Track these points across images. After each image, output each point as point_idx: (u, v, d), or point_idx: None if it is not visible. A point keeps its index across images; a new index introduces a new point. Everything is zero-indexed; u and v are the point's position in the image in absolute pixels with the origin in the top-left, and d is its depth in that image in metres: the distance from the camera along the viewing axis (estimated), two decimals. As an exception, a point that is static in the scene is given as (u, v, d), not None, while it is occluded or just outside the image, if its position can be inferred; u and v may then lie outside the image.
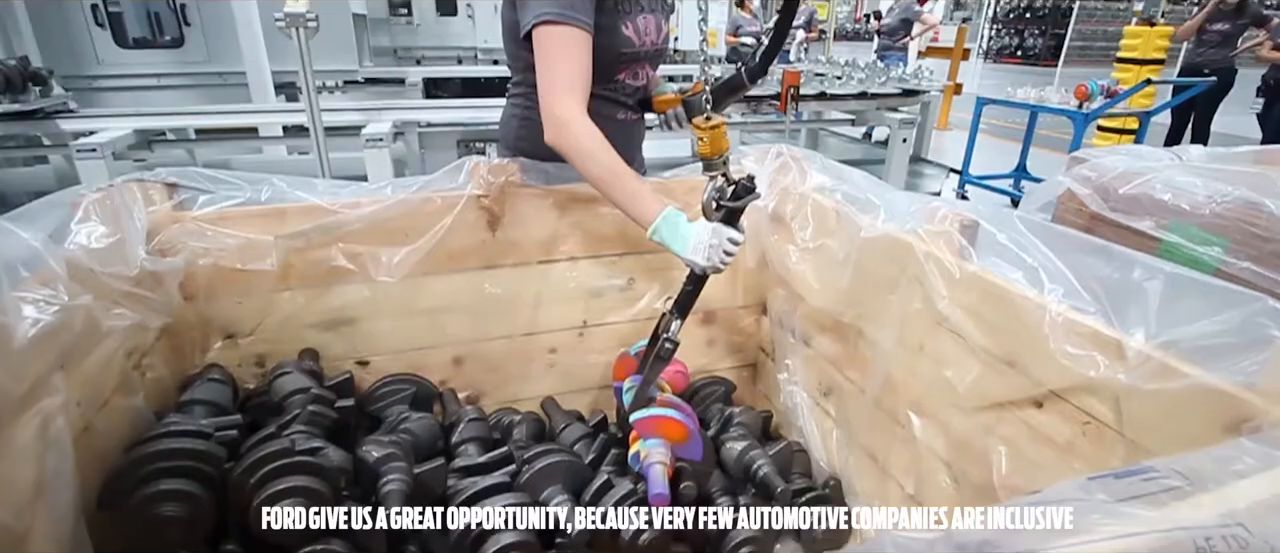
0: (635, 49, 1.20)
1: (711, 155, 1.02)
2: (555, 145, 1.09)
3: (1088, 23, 16.65)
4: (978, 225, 0.87)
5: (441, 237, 1.15)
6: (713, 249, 1.01)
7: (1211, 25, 4.99)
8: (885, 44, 6.30)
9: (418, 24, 6.46)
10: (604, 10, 1.14)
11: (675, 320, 1.08)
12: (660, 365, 1.08)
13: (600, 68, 1.19)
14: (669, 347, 1.07)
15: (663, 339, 1.07)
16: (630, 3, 1.19)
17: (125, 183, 1.01)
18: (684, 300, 1.09)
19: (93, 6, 4.06)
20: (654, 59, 1.28)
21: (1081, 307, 0.73)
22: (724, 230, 1.01)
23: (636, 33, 1.19)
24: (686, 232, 1.03)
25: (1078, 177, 1.34)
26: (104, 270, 0.88)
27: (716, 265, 1.03)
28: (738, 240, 1.02)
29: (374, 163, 2.79)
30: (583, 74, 1.09)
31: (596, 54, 1.15)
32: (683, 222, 1.04)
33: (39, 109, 2.92)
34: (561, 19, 1.06)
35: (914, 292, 0.93)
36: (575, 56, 1.08)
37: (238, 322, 1.12)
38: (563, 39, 1.07)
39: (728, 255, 1.02)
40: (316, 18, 2.52)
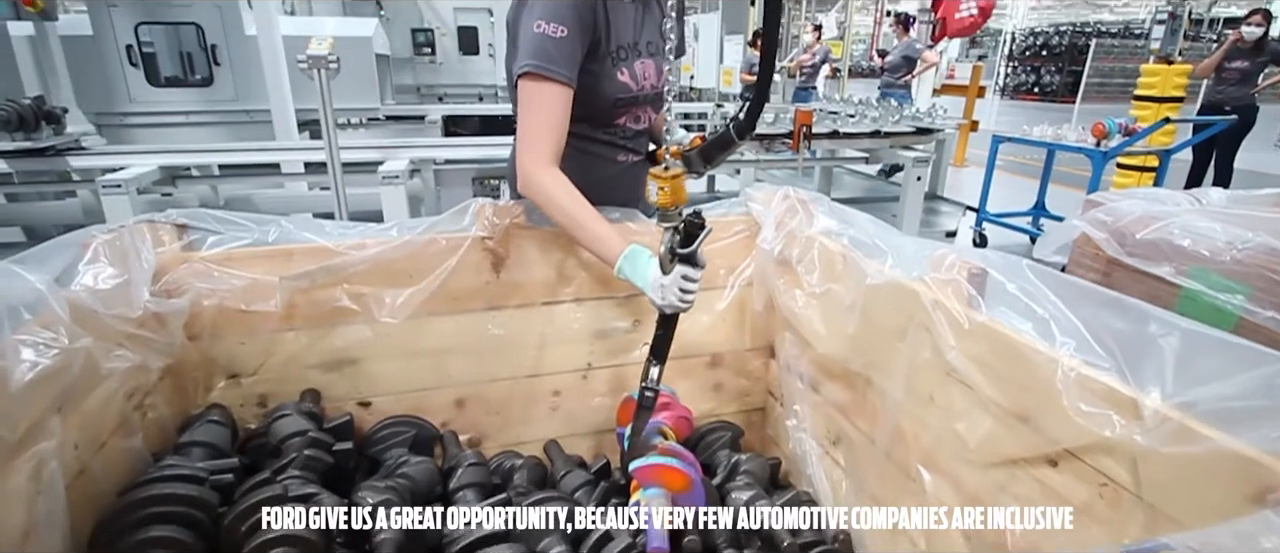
0: (633, 94, 1.21)
1: (669, 206, 1.02)
2: (525, 195, 1.13)
3: (1105, 60, 16.65)
4: (986, 274, 0.85)
5: (445, 278, 1.15)
6: (665, 288, 1.01)
7: (1230, 63, 4.96)
8: (888, 81, 6.34)
9: (441, 63, 6.64)
10: (597, 58, 1.15)
11: (654, 367, 1.07)
12: (645, 415, 1.07)
13: (598, 113, 1.20)
14: (650, 396, 1.06)
15: (642, 388, 1.05)
16: (628, 49, 1.20)
17: (136, 224, 1.03)
18: (657, 345, 1.08)
19: (128, 47, 4.22)
20: (655, 102, 1.28)
21: (1095, 362, 0.70)
22: (676, 268, 1.01)
23: (633, 78, 1.20)
24: (645, 269, 1.04)
25: (1093, 220, 1.31)
26: (108, 312, 0.88)
27: (674, 304, 1.02)
28: (693, 277, 1.01)
29: (389, 199, 2.83)
30: (555, 129, 1.11)
31: (593, 100, 1.16)
32: (644, 258, 1.05)
33: (50, 147, 3.03)
34: (542, 73, 1.08)
35: (922, 341, 0.90)
36: (550, 111, 1.10)
37: (241, 361, 1.12)
38: (540, 94, 1.09)
39: (685, 292, 1.02)
40: (338, 59, 2.59)
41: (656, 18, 1.27)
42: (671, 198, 1.01)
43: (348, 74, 3.91)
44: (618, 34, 1.18)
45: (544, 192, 1.10)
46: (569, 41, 1.09)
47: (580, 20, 1.10)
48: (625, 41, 1.19)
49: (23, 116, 2.95)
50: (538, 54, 1.08)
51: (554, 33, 1.08)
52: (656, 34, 1.26)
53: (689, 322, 1.28)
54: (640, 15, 1.23)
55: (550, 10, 1.08)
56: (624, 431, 1.17)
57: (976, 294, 0.85)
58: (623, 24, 1.19)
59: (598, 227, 1.09)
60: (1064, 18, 24.18)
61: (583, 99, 1.15)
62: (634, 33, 1.21)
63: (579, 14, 1.10)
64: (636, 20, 1.22)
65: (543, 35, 1.07)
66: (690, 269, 1.01)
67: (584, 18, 1.11)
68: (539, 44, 1.08)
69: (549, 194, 1.09)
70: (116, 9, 4.18)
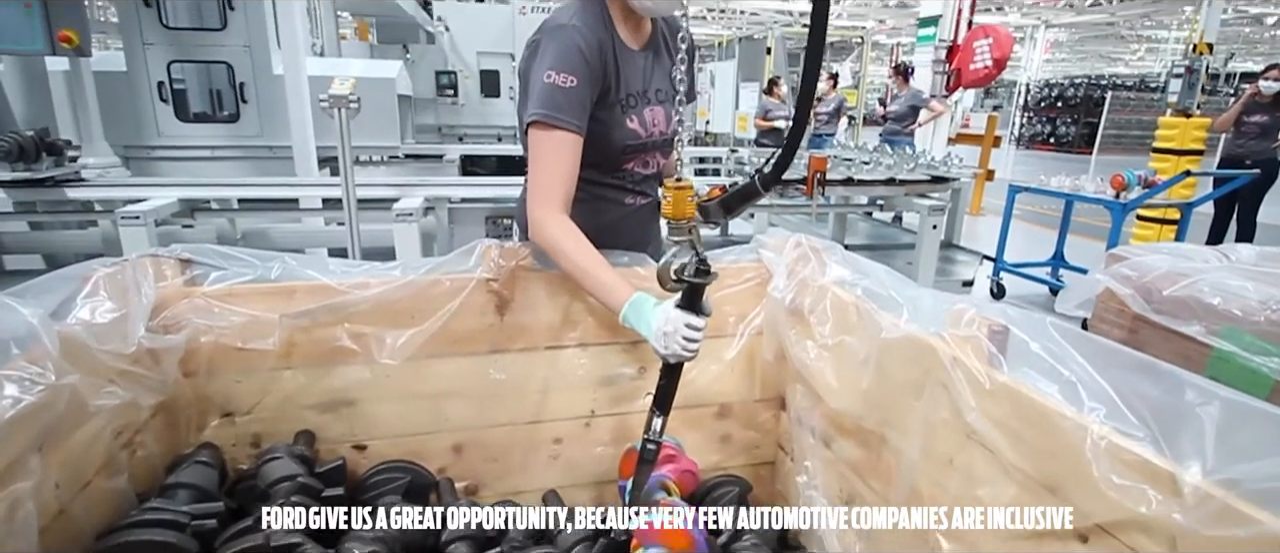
0: (641, 140, 1.21)
1: (675, 218, 1.01)
2: (534, 242, 1.13)
3: (1121, 112, 16.69)
4: (1007, 331, 0.81)
5: (448, 319, 1.13)
6: (669, 336, 0.99)
7: (1249, 116, 4.92)
8: (892, 129, 6.41)
9: (463, 104, 6.78)
10: (606, 105, 1.16)
11: (656, 419, 1.03)
12: (646, 469, 1.03)
13: (606, 158, 1.20)
14: (651, 448, 1.02)
15: (644, 440, 1.02)
16: (637, 96, 1.20)
17: (139, 258, 1.02)
18: (660, 396, 1.05)
19: (159, 84, 4.36)
20: (664, 148, 1.29)
21: (1128, 430, 0.65)
22: (680, 316, 0.98)
23: (642, 125, 1.21)
24: (650, 317, 1.01)
25: (1118, 275, 1.27)
26: (101, 347, 0.87)
27: (677, 353, 1.00)
28: (697, 326, 0.99)
29: (402, 236, 2.84)
30: (565, 178, 1.12)
31: (602, 146, 1.17)
32: (649, 307, 1.03)
33: (49, 177, 3.10)
34: (551, 121, 1.09)
35: (940, 399, 0.86)
36: (559, 160, 1.11)
37: (236, 400, 1.09)
38: (548, 143, 1.10)
39: (689, 341, 0.99)
40: (359, 100, 2.64)
41: (666, 66, 1.28)
42: (675, 210, 1.00)
43: (370, 113, 4.00)
44: (627, 82, 1.18)
45: (552, 239, 1.10)
46: (578, 91, 1.10)
47: (590, 70, 1.11)
48: (635, 89, 1.20)
49: (23, 147, 3.03)
50: (547, 103, 1.09)
51: (564, 83, 1.09)
52: (666, 81, 1.27)
53: (697, 370, 1.24)
54: (650, 64, 1.24)
55: (560, 60, 1.09)
56: (626, 484, 1.12)
57: (998, 352, 0.80)
58: (632, 73, 1.20)
59: (604, 274, 1.08)
60: (1079, 70, 24.38)
61: (592, 145, 1.15)
62: (643, 81, 1.22)
63: (589, 64, 1.11)
64: (646, 69, 1.23)
65: (553, 85, 1.08)
66: (695, 317, 0.99)
67: (594, 68, 1.12)
68: (549, 93, 1.09)
69: (557, 241, 1.09)
70: (152, 47, 4.33)
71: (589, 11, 1.16)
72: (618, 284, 1.07)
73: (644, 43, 1.23)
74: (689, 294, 1.00)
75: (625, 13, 1.18)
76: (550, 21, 1.16)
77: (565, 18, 1.14)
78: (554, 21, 1.15)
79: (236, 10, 4.32)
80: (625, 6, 1.17)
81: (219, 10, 4.32)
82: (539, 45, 1.14)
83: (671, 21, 1.31)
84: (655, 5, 1.14)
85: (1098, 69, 24.26)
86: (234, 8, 4.32)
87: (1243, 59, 20.54)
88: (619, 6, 1.18)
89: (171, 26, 4.31)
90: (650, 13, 1.18)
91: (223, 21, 4.33)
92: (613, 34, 1.17)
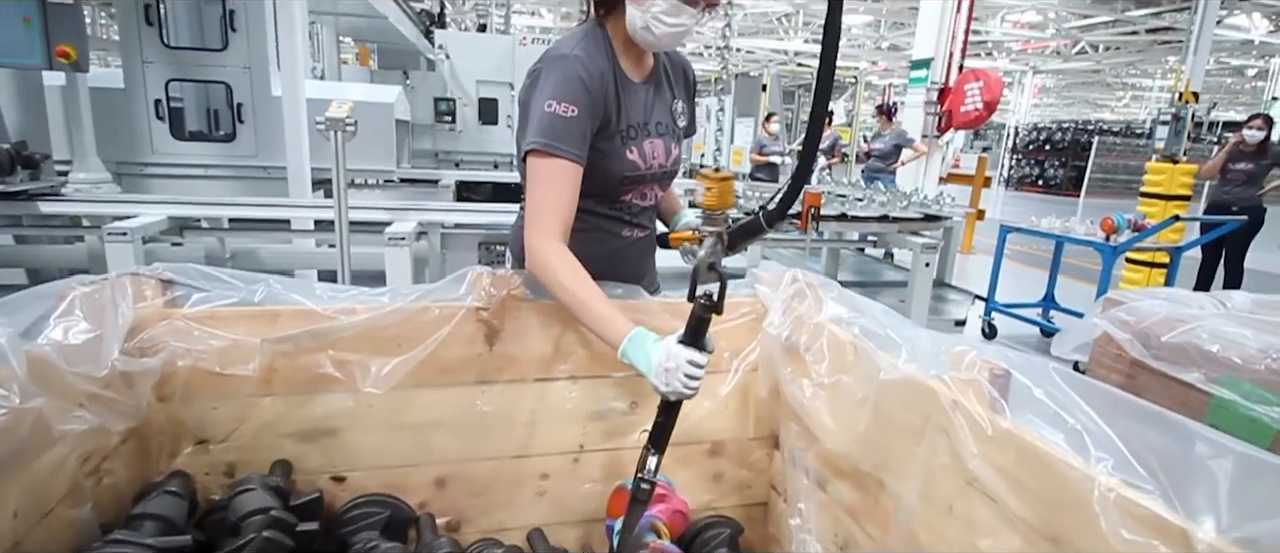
0: (640, 173, 1.20)
1: (717, 208, 0.99)
2: (531, 272, 1.11)
3: (1107, 157, 17.03)
4: (1010, 375, 0.79)
5: (435, 348, 1.10)
6: (670, 372, 0.97)
7: (1234, 164, 5.02)
8: (876, 167, 6.51)
9: (460, 131, 6.81)
10: (605, 136, 1.15)
11: (651, 457, 1.01)
12: (639, 509, 1.00)
13: (605, 189, 1.19)
14: (645, 488, 0.99)
15: (638, 479, 0.98)
16: (637, 128, 1.20)
17: (118, 277, 0.99)
18: (657, 433, 1.02)
19: (156, 102, 4.35)
20: (663, 181, 1.28)
21: (1137, 482, 0.63)
22: (682, 352, 0.97)
23: (642, 157, 1.20)
24: (650, 352, 0.99)
25: (1115, 319, 1.26)
26: (71, 369, 0.83)
27: (678, 391, 0.98)
28: (699, 363, 0.97)
29: (393, 261, 2.82)
30: (563, 207, 1.10)
31: (601, 177, 1.16)
32: (649, 341, 1.01)
33: (22, 191, 3.06)
34: (549, 150, 1.08)
35: (940, 444, 0.84)
36: (558, 189, 1.09)
37: (211, 427, 1.05)
38: (547, 172, 1.09)
39: (690, 378, 0.97)
40: (355, 123, 2.63)
41: (667, 100, 1.28)
42: (718, 201, 0.99)
43: (367, 137, 4.00)
44: (628, 114, 1.18)
45: (549, 268, 1.08)
46: (579, 121, 1.09)
47: (591, 101, 1.10)
48: (635, 121, 1.19)
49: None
50: (547, 132, 1.08)
51: (564, 112, 1.08)
52: (667, 115, 1.27)
53: (690, 405, 1.21)
54: (651, 97, 1.24)
55: (561, 90, 1.09)
56: (614, 523, 1.08)
57: (1000, 397, 0.78)
58: (633, 104, 1.19)
59: (602, 307, 1.06)
60: (1066, 115, 24.94)
61: (591, 176, 1.14)
62: (644, 114, 1.22)
63: (590, 94, 1.10)
64: (647, 102, 1.23)
65: (553, 114, 1.08)
66: (697, 354, 0.97)
67: (595, 98, 1.11)
68: (549, 123, 1.08)
69: (554, 271, 1.07)
70: (151, 66, 4.34)
71: (591, 42, 1.16)
72: (616, 318, 1.05)
73: (646, 75, 1.24)
74: (693, 328, 0.98)
75: (627, 45, 1.18)
76: (552, 51, 1.16)
77: (567, 48, 1.14)
78: (556, 51, 1.15)
79: (238, 32, 4.34)
80: (627, 39, 1.17)
81: (221, 31, 4.34)
82: (540, 74, 1.13)
83: (674, 56, 1.32)
84: (657, 40, 1.14)
85: (1084, 114, 24.85)
86: (236, 29, 4.34)
87: (1224, 109, 21.10)
88: (621, 38, 1.18)
89: (172, 46, 4.32)
90: (652, 47, 1.18)
91: (224, 42, 4.35)
92: (615, 65, 1.17)
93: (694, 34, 1.25)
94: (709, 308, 0.98)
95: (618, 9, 1.16)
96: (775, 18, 14.01)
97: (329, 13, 6.95)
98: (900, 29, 14.39)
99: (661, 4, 1.09)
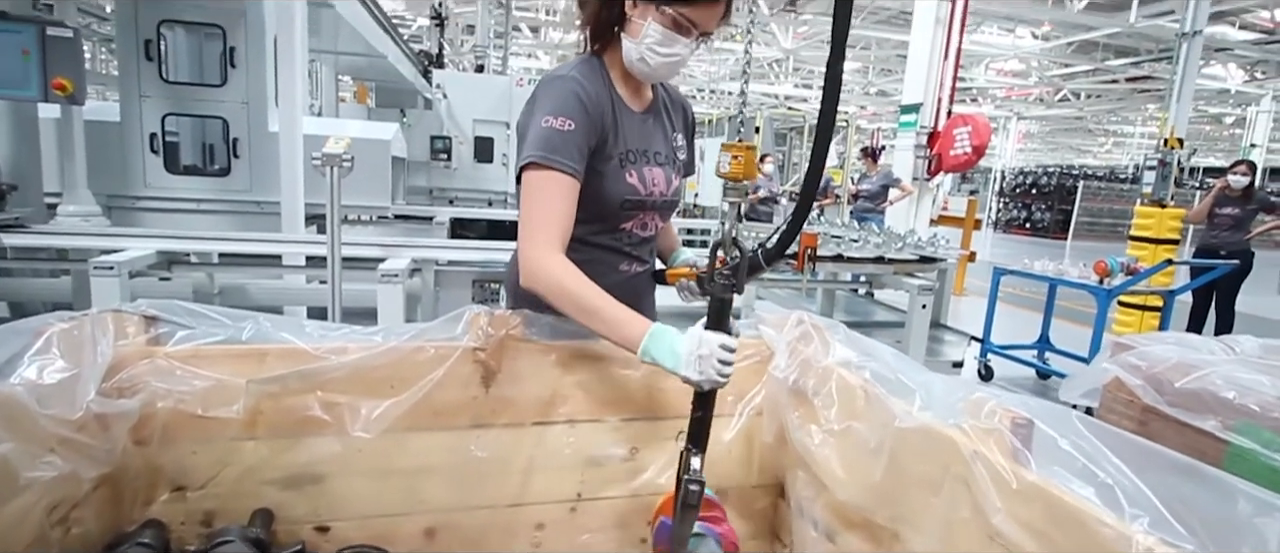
0: (640, 198, 1.20)
1: (741, 178, 0.97)
2: (531, 288, 1.06)
3: (1093, 201, 17.34)
4: (1032, 425, 0.76)
5: (429, 390, 1.06)
6: (703, 360, 0.93)
7: (1220, 209, 5.10)
8: (865, 207, 6.60)
9: (455, 168, 6.85)
10: (603, 157, 1.15)
11: (694, 457, 0.96)
12: (691, 514, 0.94)
13: (605, 214, 1.18)
14: (694, 490, 0.93)
15: (685, 482, 0.93)
16: (637, 154, 1.20)
17: (99, 314, 0.95)
18: (695, 429, 0.97)
19: (151, 135, 4.34)
20: (664, 211, 1.27)
21: (1177, 542, 0.60)
22: (714, 337, 0.93)
23: (642, 182, 1.19)
24: (676, 345, 0.95)
25: (1125, 365, 1.24)
26: (43, 412, 0.78)
27: (713, 378, 0.93)
28: (731, 346, 0.93)
29: (386, 298, 2.77)
30: (561, 218, 1.07)
31: (601, 200, 1.15)
32: (671, 334, 0.96)
33: None
34: (546, 163, 1.06)
35: (961, 496, 0.80)
36: (555, 200, 1.07)
37: (190, 472, 1.00)
38: (543, 183, 1.07)
39: (723, 365, 0.92)
40: (352, 159, 2.62)
41: (666, 131, 1.29)
42: (744, 169, 0.96)
43: (363, 174, 3.99)
44: (626, 138, 1.18)
45: (552, 278, 1.04)
46: (575, 136, 1.08)
47: (588, 117, 1.10)
48: (634, 147, 1.20)
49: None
50: (544, 146, 1.07)
51: (561, 126, 1.07)
52: (666, 145, 1.28)
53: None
54: (651, 126, 1.25)
55: (557, 106, 1.09)
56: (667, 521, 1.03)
57: (1023, 448, 0.75)
58: (631, 130, 1.20)
59: (615, 310, 1.01)
60: (1051, 159, 25.48)
61: (590, 198, 1.13)
62: (643, 141, 1.22)
63: (587, 111, 1.10)
64: (646, 130, 1.23)
65: (550, 128, 1.07)
66: (727, 338, 0.93)
67: (592, 116, 1.11)
68: (546, 137, 1.07)
69: (558, 280, 1.03)
70: (148, 100, 4.34)
71: (588, 68, 1.17)
72: (632, 318, 1.01)
73: (645, 106, 1.25)
74: (717, 312, 0.95)
75: (625, 76, 1.20)
76: (548, 75, 1.17)
77: (563, 71, 1.15)
78: (552, 74, 1.16)
79: (238, 68, 4.37)
80: (625, 70, 1.18)
81: (221, 68, 4.37)
82: (537, 96, 1.14)
83: (673, 93, 1.34)
84: (653, 71, 1.15)
85: (1068, 159, 25.40)
86: (236, 66, 4.37)
87: (1204, 155, 21.64)
88: (619, 70, 1.19)
89: (171, 81, 4.34)
90: (647, 78, 1.19)
91: (223, 78, 4.37)
92: (612, 92, 1.18)
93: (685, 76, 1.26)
94: (730, 288, 0.94)
95: (614, 42, 1.18)
96: (767, 63, 14.38)
97: (329, 52, 7.04)
98: (888, 75, 14.77)
99: (654, 34, 1.10)
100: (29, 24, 3.15)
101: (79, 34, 3.38)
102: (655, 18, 1.09)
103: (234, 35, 4.28)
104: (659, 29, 1.09)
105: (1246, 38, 10.68)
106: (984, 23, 11.06)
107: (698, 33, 1.12)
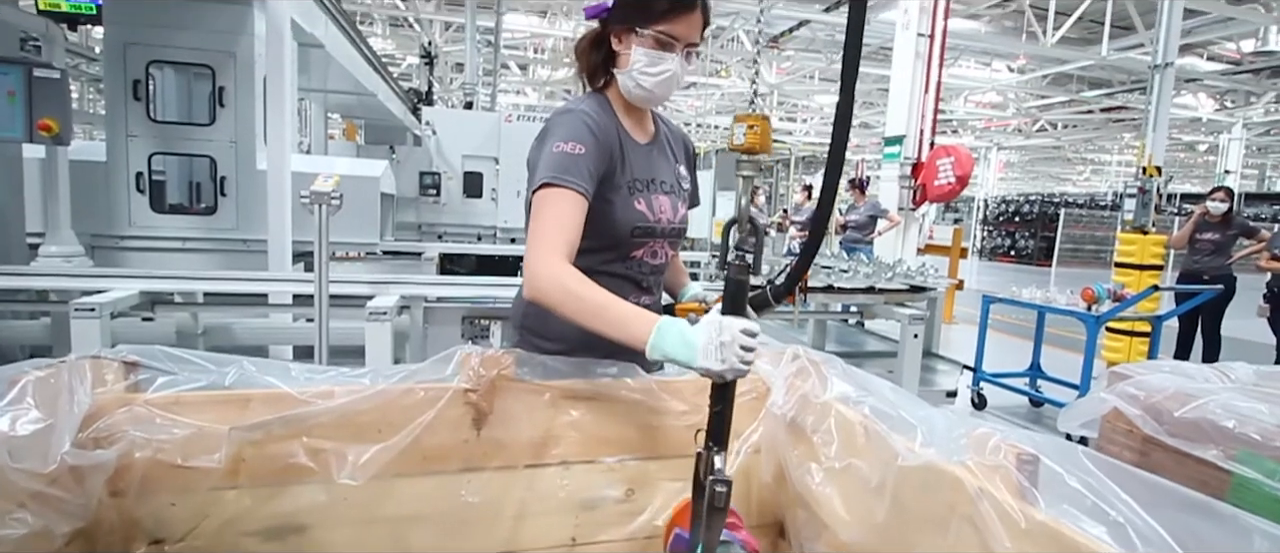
0: (650, 224, 1.23)
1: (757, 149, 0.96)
2: (534, 299, 1.05)
3: (1075, 228, 17.62)
4: (1038, 461, 0.74)
5: (419, 434, 1.02)
6: (725, 347, 0.86)
7: (1201, 234, 5.19)
8: (853, 238, 6.67)
9: (444, 203, 6.86)
10: (613, 185, 1.18)
11: (716, 455, 0.90)
12: (719, 517, 0.87)
13: (615, 241, 1.21)
14: (721, 490, 0.85)
15: (710, 483, 0.87)
16: (644, 181, 1.24)
17: (78, 360, 0.92)
18: (715, 425, 0.91)
19: (138, 174, 4.31)
20: (673, 239, 1.30)
21: (1195, 584, 0.58)
22: (734, 322, 0.86)
23: (650, 209, 1.23)
24: (691, 336, 0.90)
25: (1124, 394, 1.23)
26: (15, 465, 0.75)
27: (735, 367, 0.86)
28: (753, 330, 0.87)
29: (374, 336, 2.73)
30: (568, 230, 1.07)
31: (611, 227, 1.18)
32: (681, 325, 0.92)
33: None
34: (556, 182, 1.08)
35: (968, 537, 0.77)
36: (562, 215, 1.08)
37: (168, 525, 0.95)
38: (553, 199, 1.08)
39: (746, 351, 0.86)
40: (341, 196, 2.61)
41: (670, 161, 1.33)
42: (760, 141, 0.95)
43: (352, 210, 3.98)
44: (633, 168, 1.22)
45: (557, 281, 1.03)
46: (587, 159, 1.11)
47: (598, 143, 1.14)
48: (641, 176, 1.24)
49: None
50: (555, 168, 1.09)
51: (573, 150, 1.10)
52: (672, 175, 1.32)
53: (688, 489, 1.14)
54: (655, 156, 1.29)
55: (568, 133, 1.12)
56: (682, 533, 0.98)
57: (1030, 485, 0.73)
58: (638, 160, 1.24)
59: (620, 308, 1.00)
60: (1031, 188, 25.97)
61: (601, 226, 1.16)
62: (650, 170, 1.26)
63: (597, 138, 1.14)
64: (650, 160, 1.28)
65: (562, 153, 1.10)
66: (748, 322, 0.88)
67: (602, 143, 1.15)
68: (557, 160, 1.10)
69: (563, 283, 1.02)
70: (135, 139, 4.32)
71: (595, 102, 1.23)
72: (639, 314, 0.99)
73: (649, 138, 1.29)
74: (733, 296, 0.89)
75: (627, 107, 1.25)
76: (557, 110, 1.22)
77: (572, 106, 1.21)
78: (561, 109, 1.21)
79: (227, 107, 4.37)
80: (626, 103, 1.24)
81: (210, 107, 4.37)
82: (548, 129, 1.17)
83: (673, 127, 1.39)
84: (650, 93, 1.19)
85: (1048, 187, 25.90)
86: (225, 105, 4.37)
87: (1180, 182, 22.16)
88: (621, 104, 1.25)
89: (159, 120, 4.33)
90: (647, 102, 1.24)
91: (212, 117, 4.37)
92: (618, 124, 1.23)
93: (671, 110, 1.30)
94: (744, 269, 0.90)
95: (611, 80, 1.24)
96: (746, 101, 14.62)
97: (319, 90, 7.09)
98: (870, 107, 15.07)
99: (642, 58, 1.16)
100: (16, 65, 3.15)
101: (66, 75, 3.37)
102: (638, 43, 1.15)
103: (223, 75, 4.29)
104: (644, 52, 1.15)
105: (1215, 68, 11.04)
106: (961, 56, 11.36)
107: (683, 46, 1.17)
